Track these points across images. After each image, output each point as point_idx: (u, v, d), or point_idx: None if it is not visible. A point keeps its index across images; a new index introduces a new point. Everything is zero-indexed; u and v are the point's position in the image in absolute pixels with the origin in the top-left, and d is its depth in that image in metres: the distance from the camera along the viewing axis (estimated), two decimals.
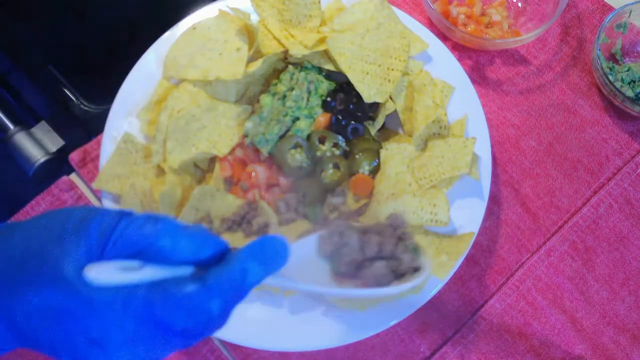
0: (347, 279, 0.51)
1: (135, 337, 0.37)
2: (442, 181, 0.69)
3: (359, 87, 0.70)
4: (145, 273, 0.37)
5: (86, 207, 0.40)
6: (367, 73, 0.71)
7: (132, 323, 0.37)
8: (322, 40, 0.72)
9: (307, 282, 0.47)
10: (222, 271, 0.38)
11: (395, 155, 0.70)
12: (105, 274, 0.36)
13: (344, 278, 0.51)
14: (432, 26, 0.80)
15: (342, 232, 0.52)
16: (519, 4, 0.85)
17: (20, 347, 0.39)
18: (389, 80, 0.72)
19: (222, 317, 0.38)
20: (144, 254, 0.38)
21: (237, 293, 0.38)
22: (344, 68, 0.71)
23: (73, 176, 0.75)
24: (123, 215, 0.39)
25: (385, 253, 0.52)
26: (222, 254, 0.40)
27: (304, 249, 0.50)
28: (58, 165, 0.86)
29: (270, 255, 0.39)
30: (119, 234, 0.38)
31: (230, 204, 0.67)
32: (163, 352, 0.39)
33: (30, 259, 0.37)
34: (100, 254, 0.37)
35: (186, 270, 0.38)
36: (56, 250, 0.37)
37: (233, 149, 0.69)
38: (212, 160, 0.70)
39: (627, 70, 0.79)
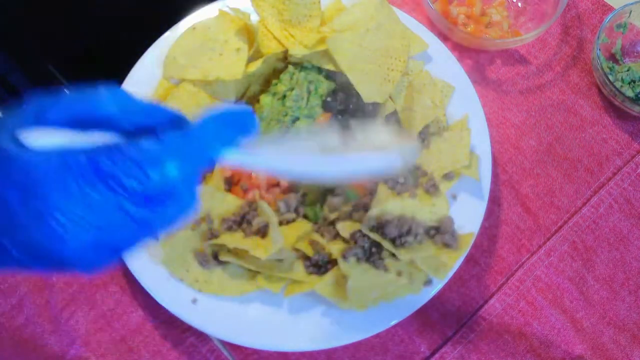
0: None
1: (79, 200, 0.31)
2: (443, 178, 0.69)
3: (359, 87, 0.70)
4: (91, 137, 0.33)
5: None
6: (367, 73, 0.71)
7: (76, 185, 0.31)
8: (322, 40, 0.72)
9: (285, 155, 0.40)
10: (179, 131, 0.33)
11: None
12: (44, 136, 0.32)
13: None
14: (432, 26, 0.80)
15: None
16: (519, 4, 0.85)
17: None
18: (389, 81, 0.72)
19: (185, 185, 0.33)
20: (86, 123, 0.33)
21: (198, 154, 0.34)
22: (344, 68, 0.71)
23: None
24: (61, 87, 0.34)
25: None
26: (179, 122, 0.35)
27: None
28: None
29: (234, 120, 0.35)
30: (55, 100, 0.33)
31: (230, 204, 0.67)
32: (125, 227, 0.33)
33: None
34: (36, 121, 0.33)
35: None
36: None
37: None
38: None
39: (627, 70, 0.79)
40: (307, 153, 0.41)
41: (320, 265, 0.65)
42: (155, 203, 0.33)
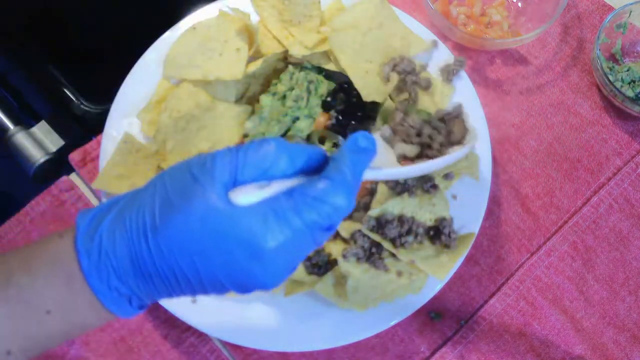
0: (410, 162, 0.58)
1: (286, 239, 0.40)
2: (443, 178, 0.69)
3: (358, 85, 0.70)
4: (277, 186, 0.41)
5: (199, 155, 0.43)
6: (367, 72, 0.72)
7: (281, 226, 0.39)
8: (322, 41, 0.72)
9: (391, 167, 0.52)
10: (337, 167, 0.42)
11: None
12: (246, 194, 0.40)
13: (407, 161, 0.58)
14: (432, 26, 0.80)
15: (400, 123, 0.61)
16: (519, 4, 0.85)
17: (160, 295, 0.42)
18: (388, 80, 0.72)
19: (351, 204, 0.42)
20: (266, 174, 0.42)
21: (355, 182, 0.42)
22: (345, 65, 0.71)
23: (73, 176, 0.75)
24: (234, 148, 0.42)
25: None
26: (325, 159, 0.44)
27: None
28: (58, 165, 0.86)
29: (363, 146, 0.43)
30: (243, 161, 0.41)
31: None
32: (305, 251, 0.42)
33: (174, 202, 0.40)
34: (234, 183, 0.41)
35: (303, 179, 0.43)
36: (197, 188, 0.40)
37: None
38: None
39: (627, 70, 0.79)
40: (410, 164, 0.54)
41: (320, 265, 0.65)
42: (330, 230, 0.42)
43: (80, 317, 0.42)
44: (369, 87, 0.70)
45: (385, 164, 0.52)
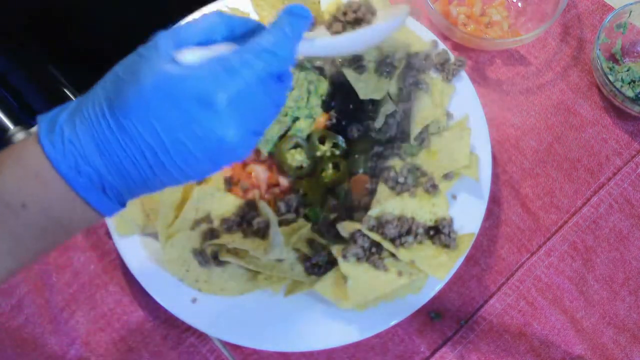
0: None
1: (239, 90, 0.42)
2: (443, 178, 0.69)
3: (356, 84, 0.70)
4: (221, 47, 0.44)
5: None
6: (366, 70, 0.72)
7: (232, 79, 0.42)
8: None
9: (326, 37, 0.55)
10: (277, 26, 0.45)
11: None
12: (191, 52, 0.43)
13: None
14: (432, 26, 0.80)
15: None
16: (519, 4, 0.85)
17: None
18: (387, 78, 0.72)
19: (291, 63, 0.45)
20: (208, 40, 0.45)
21: (295, 39, 0.46)
22: (341, 65, 0.71)
23: None
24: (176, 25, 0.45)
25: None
26: (262, 27, 0.48)
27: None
28: None
29: (298, 12, 0.46)
30: (185, 30, 0.44)
31: (230, 204, 0.67)
32: (265, 111, 0.45)
33: (124, 78, 0.42)
34: (179, 47, 0.43)
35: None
36: (144, 61, 0.42)
37: None
38: None
39: (627, 70, 0.79)
40: (343, 35, 0.58)
41: (320, 265, 0.65)
42: (281, 80, 0.45)
43: (57, 210, 0.42)
44: (367, 86, 0.70)
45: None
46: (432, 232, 0.66)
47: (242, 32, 0.47)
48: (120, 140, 0.41)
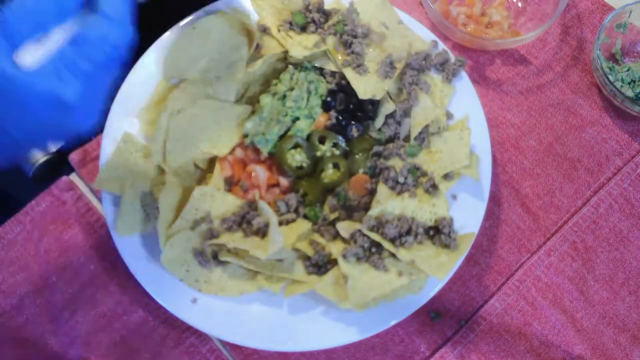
0: None
1: (85, 83, 0.42)
2: (443, 178, 0.69)
3: (355, 83, 0.70)
4: (57, 35, 0.43)
5: None
6: (365, 70, 0.72)
7: (76, 75, 0.42)
8: (322, 40, 0.72)
9: None
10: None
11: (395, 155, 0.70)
12: (29, 53, 0.42)
13: None
14: (432, 26, 0.80)
15: None
16: (519, 4, 0.85)
17: None
18: (387, 77, 0.72)
19: (128, 28, 0.45)
20: (43, 26, 0.43)
21: (128, 8, 0.45)
22: (341, 65, 0.71)
23: (73, 176, 0.75)
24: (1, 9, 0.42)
25: None
26: None
27: None
28: (58, 165, 0.86)
29: None
30: (12, 19, 0.42)
31: (230, 204, 0.67)
32: (111, 77, 0.45)
33: None
34: (15, 47, 0.42)
35: (80, 19, 0.44)
36: None
37: (233, 149, 0.69)
38: (212, 160, 0.70)
39: (627, 70, 0.79)
40: None
41: (320, 265, 0.65)
42: (121, 56, 0.44)
43: None
44: (367, 85, 0.70)
45: None
46: (432, 232, 0.66)
47: (74, 5, 0.45)
48: None
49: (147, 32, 0.74)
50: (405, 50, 0.73)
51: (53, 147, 0.45)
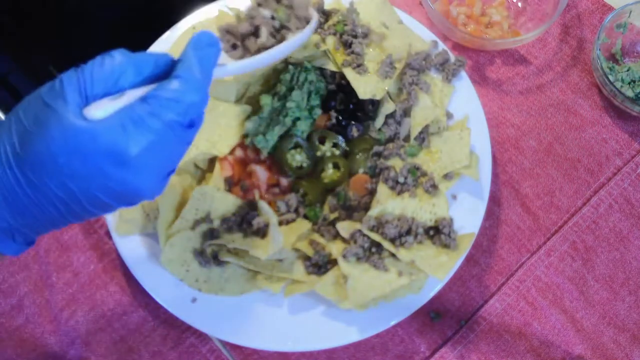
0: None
1: (149, 142, 0.41)
2: (443, 178, 0.69)
3: (355, 83, 0.70)
4: (130, 95, 0.42)
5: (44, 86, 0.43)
6: (365, 70, 0.72)
7: (141, 131, 0.41)
8: (321, 41, 0.72)
9: (236, 62, 0.54)
10: (185, 66, 0.43)
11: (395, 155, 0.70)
12: (100, 108, 0.41)
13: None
14: (432, 26, 0.80)
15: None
16: (519, 4, 0.85)
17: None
18: (387, 77, 0.72)
19: (204, 100, 0.44)
20: (116, 86, 0.43)
21: (205, 78, 0.44)
22: (341, 65, 0.71)
23: None
24: (80, 67, 0.42)
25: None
26: (173, 63, 0.45)
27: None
28: None
29: (207, 43, 0.45)
30: (90, 77, 0.42)
31: (230, 204, 0.67)
32: (175, 153, 0.44)
33: (31, 130, 0.40)
34: (86, 100, 0.42)
35: (155, 85, 0.43)
36: (51, 112, 0.40)
37: (233, 149, 0.69)
38: (212, 160, 0.70)
39: (627, 70, 0.79)
40: (256, 55, 0.56)
41: (320, 265, 0.65)
42: (192, 125, 0.44)
43: None
44: (367, 85, 0.70)
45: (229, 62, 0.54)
46: (432, 232, 0.66)
47: (152, 72, 0.44)
48: (30, 194, 0.41)
49: (147, 32, 0.75)
50: (405, 50, 0.73)
51: (112, 210, 0.45)
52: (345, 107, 0.72)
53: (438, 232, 0.66)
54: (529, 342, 0.70)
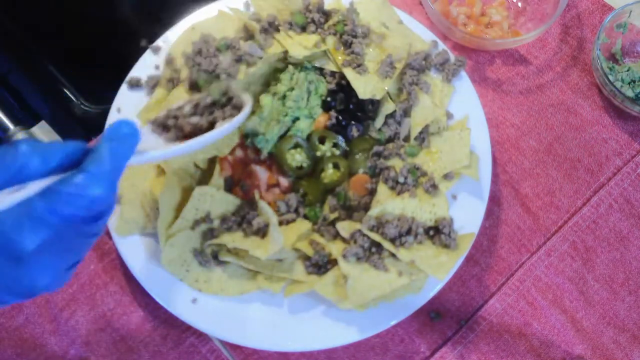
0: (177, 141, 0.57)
1: (46, 238, 0.40)
2: (443, 178, 0.69)
3: (355, 83, 0.70)
4: (32, 187, 0.40)
5: None
6: (365, 70, 0.72)
7: (38, 227, 0.39)
8: (322, 41, 0.72)
9: (159, 149, 0.52)
10: (95, 157, 0.42)
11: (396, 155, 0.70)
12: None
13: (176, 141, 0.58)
14: (432, 26, 0.80)
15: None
16: (519, 4, 0.85)
17: None
18: (386, 77, 0.72)
19: (113, 194, 0.43)
20: (18, 177, 0.40)
21: (115, 170, 0.43)
22: (341, 65, 0.71)
23: None
24: None
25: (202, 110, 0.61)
26: (86, 152, 0.43)
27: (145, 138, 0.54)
28: None
29: (124, 134, 0.44)
30: None
31: (230, 204, 0.67)
32: (79, 246, 0.43)
33: None
34: None
35: (61, 176, 0.41)
36: None
37: (233, 149, 0.69)
38: (212, 160, 0.70)
39: (627, 70, 0.79)
40: (176, 145, 0.54)
41: (320, 265, 0.65)
42: (99, 219, 0.42)
43: None
44: (367, 85, 0.70)
45: (154, 147, 0.52)
46: (432, 232, 0.66)
47: (62, 162, 0.42)
48: None
49: (147, 32, 0.75)
50: (405, 50, 0.73)
51: (8, 304, 0.43)
52: (345, 107, 0.72)
53: (438, 232, 0.66)
54: (529, 342, 0.70)
